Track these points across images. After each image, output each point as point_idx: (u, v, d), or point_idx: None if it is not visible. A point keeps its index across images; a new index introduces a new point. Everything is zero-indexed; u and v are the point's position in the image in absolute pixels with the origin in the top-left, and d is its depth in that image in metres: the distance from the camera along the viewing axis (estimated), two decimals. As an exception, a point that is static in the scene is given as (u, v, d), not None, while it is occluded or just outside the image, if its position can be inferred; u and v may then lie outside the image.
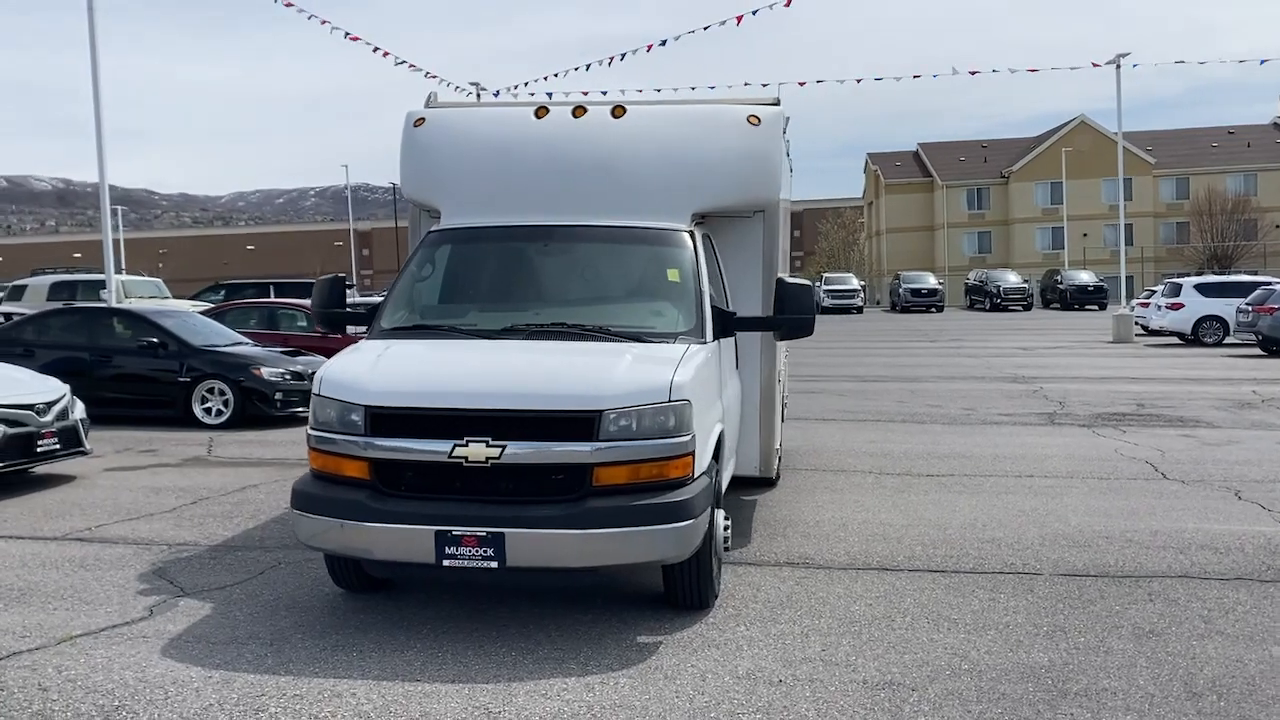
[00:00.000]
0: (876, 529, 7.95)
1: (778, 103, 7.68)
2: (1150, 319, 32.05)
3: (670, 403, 5.37)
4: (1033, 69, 32.00)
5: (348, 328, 7.27)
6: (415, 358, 5.87)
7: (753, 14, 26.56)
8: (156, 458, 11.27)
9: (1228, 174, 72.00)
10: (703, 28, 27.30)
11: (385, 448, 5.36)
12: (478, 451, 5.22)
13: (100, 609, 5.97)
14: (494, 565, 5.19)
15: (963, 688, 4.84)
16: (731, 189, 7.10)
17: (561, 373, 5.54)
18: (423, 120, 7.35)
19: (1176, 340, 30.53)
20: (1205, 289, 30.60)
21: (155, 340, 13.66)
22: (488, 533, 5.15)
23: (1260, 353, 25.41)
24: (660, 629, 5.62)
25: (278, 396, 13.53)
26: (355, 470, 5.44)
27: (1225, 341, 28.81)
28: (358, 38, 27.34)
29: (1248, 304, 26.45)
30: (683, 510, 5.30)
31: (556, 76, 33.10)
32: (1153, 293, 35.40)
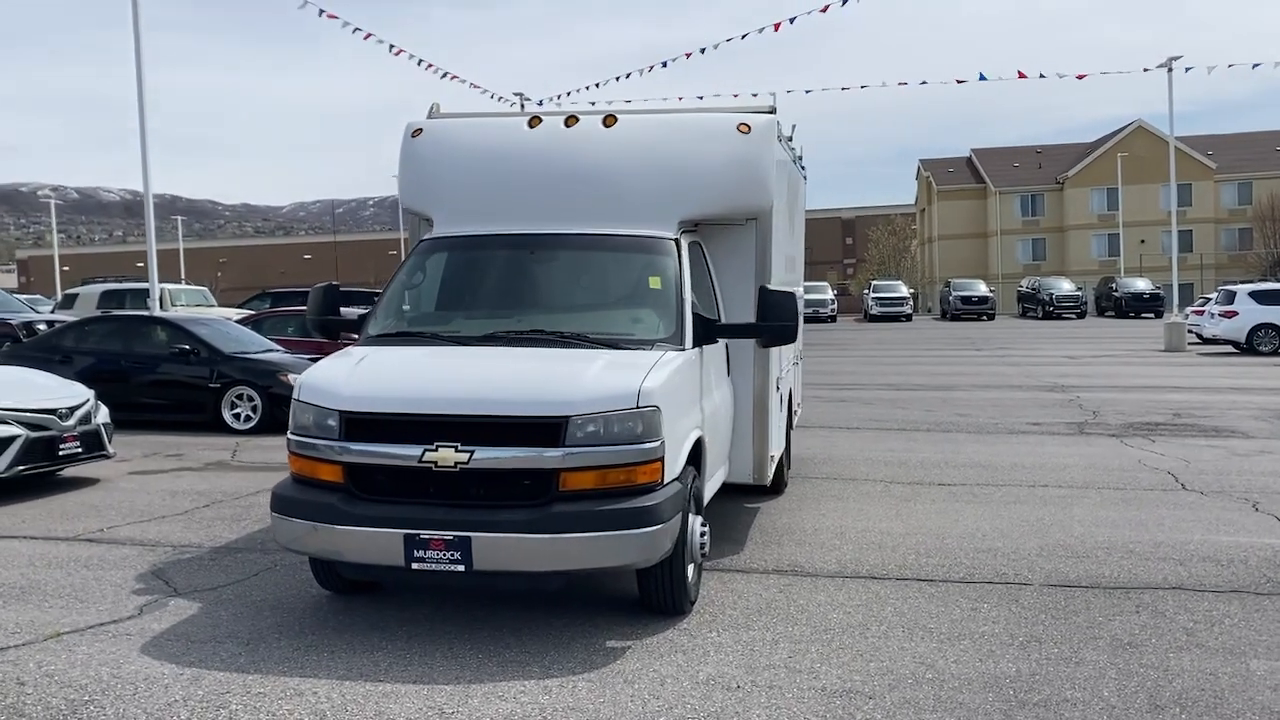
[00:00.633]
0: (873, 537, 7.91)
1: (773, 111, 7.68)
2: (1204, 327, 31.35)
3: (638, 409, 5.41)
4: (1081, 74, 31.40)
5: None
6: (390, 364, 5.98)
7: (790, 21, 26.58)
8: (181, 462, 11.53)
9: (1292, 178, 70.31)
10: (740, 36, 27.34)
11: (358, 452, 5.48)
12: (447, 456, 5.31)
13: (93, 607, 6.15)
14: (461, 569, 5.27)
15: (921, 696, 4.82)
16: (721, 197, 7.12)
17: (530, 379, 5.61)
18: (420, 131, 7.48)
19: (1231, 349, 29.83)
20: (1260, 296, 29.84)
21: (187, 347, 13.98)
22: (455, 536, 5.23)
23: (1314, 362, 24.76)
24: (631, 634, 5.66)
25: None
26: (330, 474, 5.55)
27: (1281, 350, 28.12)
28: (401, 50, 27.78)
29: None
30: (649, 516, 5.34)
31: (598, 86, 33.28)
32: (1207, 300, 34.63)
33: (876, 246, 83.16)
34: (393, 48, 27.15)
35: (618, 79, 26.62)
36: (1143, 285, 53.28)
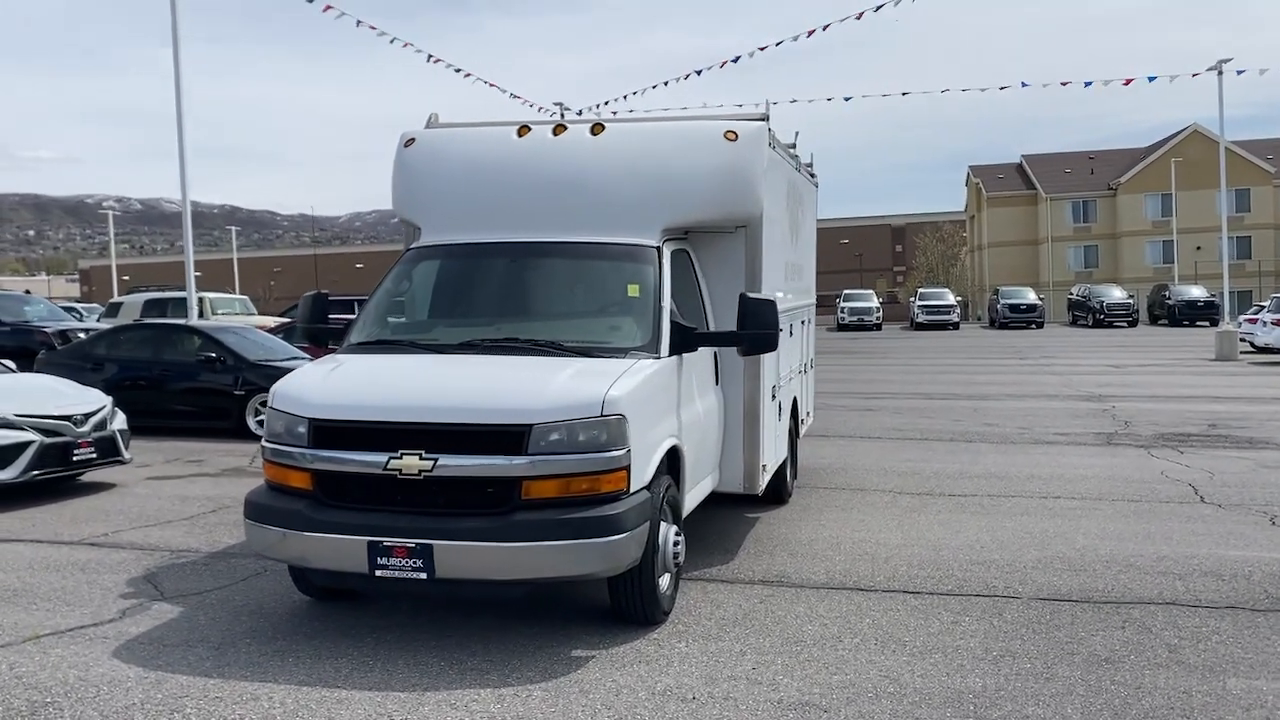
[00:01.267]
0: (869, 549, 7.81)
1: (764, 119, 7.64)
2: (1256, 335, 30.60)
3: (603, 417, 5.40)
4: (1128, 79, 30.73)
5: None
6: (360, 372, 6.02)
7: (823, 29, 26.43)
8: (199, 468, 11.71)
9: (1356, 182, 68.43)
10: (775, 44, 27.23)
11: (325, 459, 5.52)
12: (411, 464, 5.34)
13: (77, 610, 6.26)
14: (423, 576, 5.29)
15: (877, 711, 4.74)
16: (707, 204, 7.09)
17: (495, 387, 5.62)
18: (413, 141, 7.55)
19: (1283, 358, 29.09)
20: (1315, 303, 29.10)
21: (213, 355, 14.21)
22: (417, 544, 5.25)
23: (1367, 371, 24.05)
24: (599, 643, 5.64)
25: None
26: (299, 481, 5.61)
27: (1335, 359, 27.37)
28: (439, 59, 28.08)
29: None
30: (612, 524, 5.32)
31: (636, 94, 33.32)
32: (1261, 308, 33.78)
33: (924, 254, 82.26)
34: (430, 57, 27.42)
35: (654, 87, 26.54)
36: (1197, 293, 52.14)
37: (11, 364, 11.19)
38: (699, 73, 28.84)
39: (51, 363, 14.85)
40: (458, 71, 28.40)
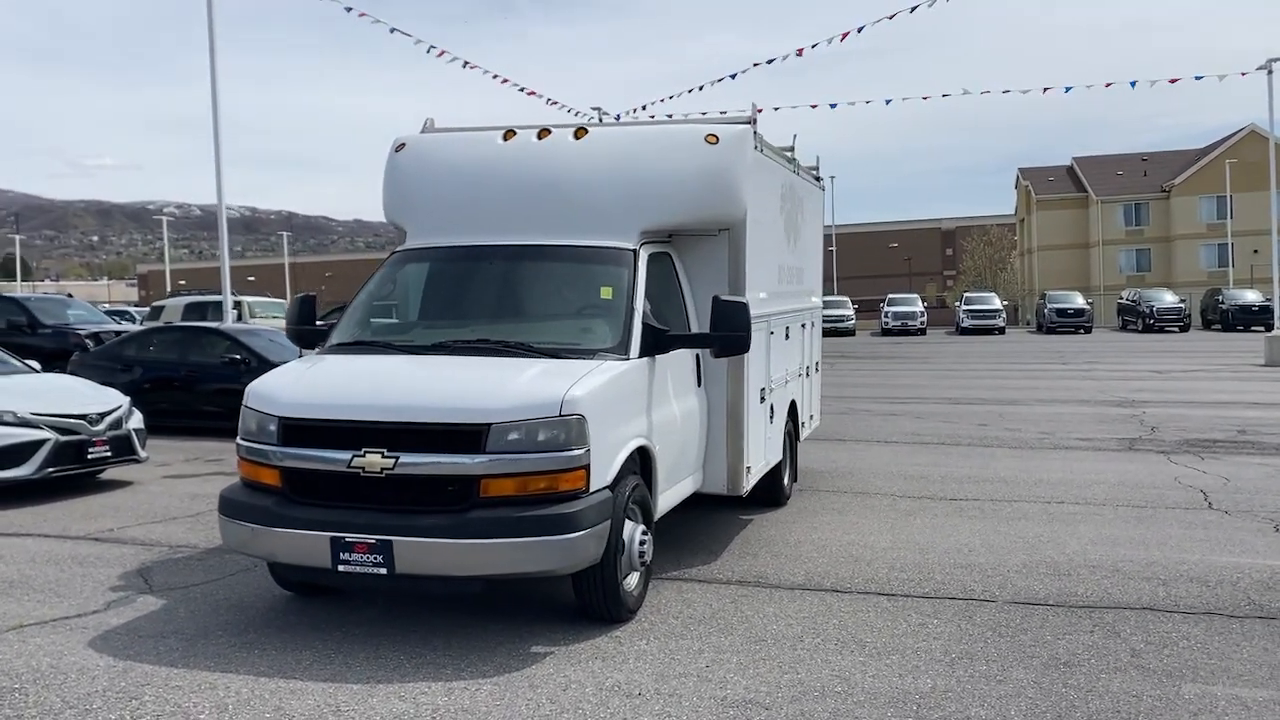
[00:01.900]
0: (855, 551, 7.81)
1: (751, 122, 7.68)
2: (1306, 340, 29.87)
3: (561, 417, 5.48)
4: (1174, 78, 30.20)
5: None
6: (329, 372, 6.17)
7: (858, 30, 26.36)
8: (218, 467, 11.97)
9: None
10: (811, 46, 27.15)
11: (293, 456, 5.67)
12: (373, 462, 5.46)
13: (66, 601, 6.47)
14: (383, 572, 5.40)
15: (818, 710, 4.76)
16: (686, 207, 7.14)
17: (457, 387, 5.73)
18: (403, 146, 7.70)
19: (1334, 364, 28.38)
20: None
21: (238, 357, 14.51)
22: (377, 540, 5.37)
23: None
24: (561, 640, 5.71)
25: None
26: (269, 478, 5.77)
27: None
28: (476, 65, 28.36)
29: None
30: (569, 523, 5.39)
31: (672, 98, 33.32)
32: (1313, 313, 33.03)
33: (972, 258, 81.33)
34: (466, 64, 27.76)
35: (689, 91, 26.53)
36: (1252, 297, 50.99)
37: (36, 364, 11.53)
38: (733, 76, 28.78)
39: (85, 364, 15.26)
40: (495, 77, 28.70)
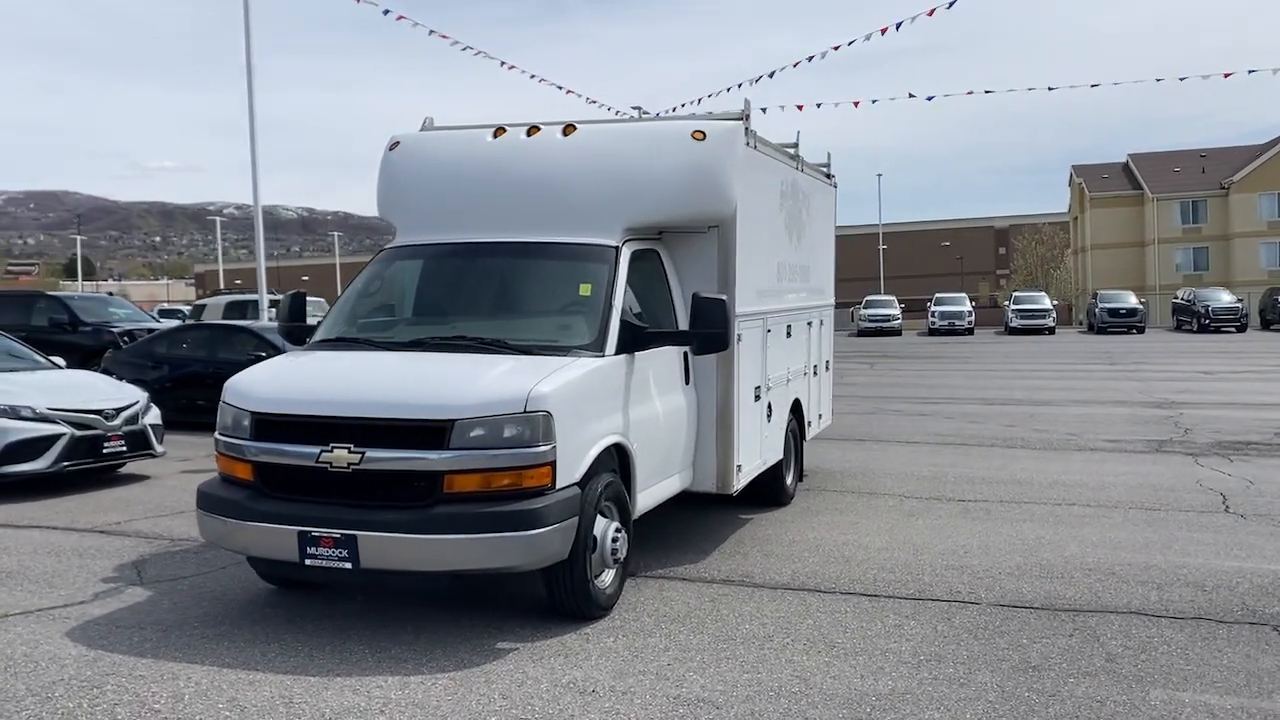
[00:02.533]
0: (848, 551, 7.73)
1: (743, 118, 7.63)
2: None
3: (525, 413, 5.48)
4: (1227, 73, 29.54)
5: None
6: (304, 368, 6.23)
7: (896, 27, 26.05)
8: (236, 462, 12.16)
9: None
10: (847, 43, 26.90)
11: (264, 451, 5.74)
12: (341, 457, 5.51)
13: (57, 592, 6.61)
14: (349, 566, 5.45)
15: (769, 709, 4.72)
16: (672, 204, 7.11)
17: (424, 383, 5.76)
18: (397, 144, 7.76)
19: (1390, 365, 27.55)
20: None
21: (264, 355, 14.69)
22: (342, 534, 5.42)
23: None
24: (530, 636, 5.72)
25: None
26: (243, 472, 5.84)
27: None
28: (514, 66, 28.51)
29: None
30: (532, 519, 5.40)
31: (711, 97, 33.18)
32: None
33: (1023, 257, 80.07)
34: (504, 64, 27.94)
35: (728, 90, 26.41)
36: (1312, 296, 49.68)
37: (61, 361, 11.79)
38: (770, 75, 28.59)
39: (118, 361, 15.59)
40: (532, 77, 28.82)
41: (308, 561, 5.52)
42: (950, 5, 23.86)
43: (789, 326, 9.16)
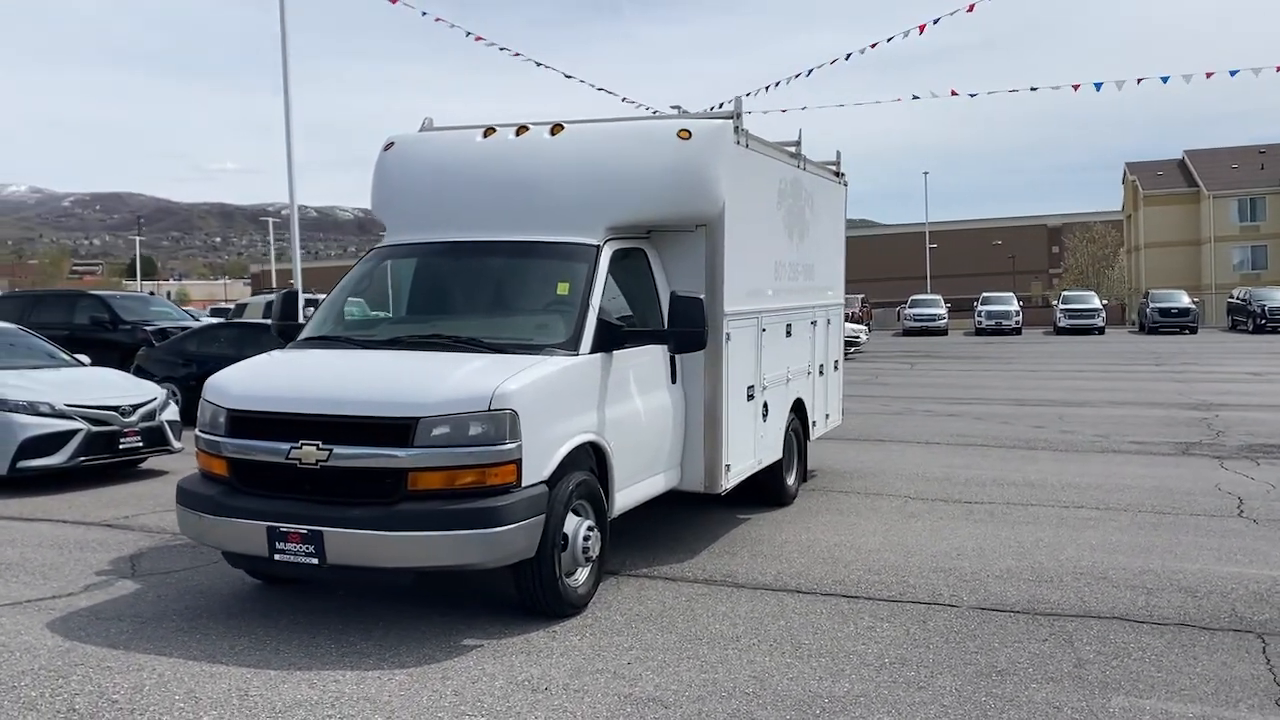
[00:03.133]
0: (838, 552, 7.67)
1: (732, 117, 7.61)
2: None
3: (490, 412, 5.51)
4: (1280, 66, 28.80)
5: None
6: (281, 366, 6.32)
7: (934, 22, 25.77)
8: (255, 459, 12.35)
9: None
10: (886, 40, 26.64)
11: (238, 447, 5.84)
12: (309, 454, 5.59)
13: (49, 583, 6.77)
14: (315, 562, 5.52)
15: (718, 709, 4.71)
16: (656, 203, 7.11)
17: (391, 381, 5.82)
18: (392, 145, 7.84)
19: None
20: None
21: (289, 353, 14.94)
22: (309, 530, 5.49)
23: None
24: (497, 634, 5.75)
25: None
26: (219, 468, 5.94)
27: None
28: (550, 67, 28.61)
29: None
30: (495, 517, 5.43)
31: (750, 95, 32.97)
32: None
33: (1074, 256, 78.69)
34: (540, 64, 28.07)
35: (766, 89, 26.17)
36: (1374, 296, 48.28)
37: (86, 359, 12.06)
38: (809, 73, 28.46)
39: (151, 358, 15.91)
40: (568, 78, 28.92)
41: (276, 557, 5.60)
42: (989, -1, 23.61)
43: (789, 325, 9.11)
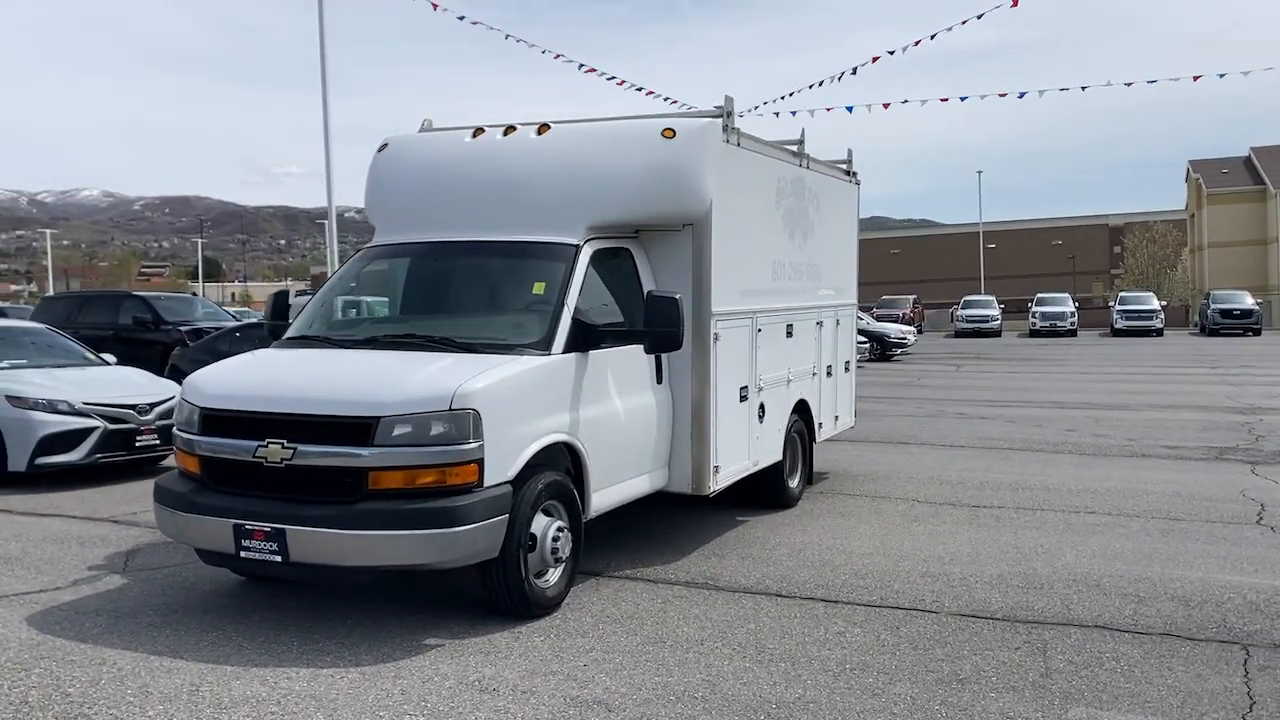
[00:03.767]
0: (827, 556, 7.57)
1: (721, 115, 7.54)
2: None
3: (451, 411, 5.52)
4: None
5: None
6: (255, 365, 6.38)
7: (978, 18, 25.34)
8: (274, 457, 12.51)
9: None
10: (929, 36, 26.27)
11: (209, 445, 5.90)
12: (274, 452, 5.63)
13: (40, 577, 6.91)
14: (278, 559, 5.56)
15: (662, 713, 4.66)
16: (638, 202, 7.07)
17: (355, 381, 5.84)
18: (385, 146, 7.90)
19: None
20: None
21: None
22: (272, 528, 5.54)
23: None
24: (461, 634, 5.74)
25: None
26: (193, 466, 6.02)
27: None
28: (592, 69, 28.67)
29: None
30: (454, 516, 5.43)
31: (792, 95, 32.65)
32: None
33: (1134, 256, 76.96)
34: (582, 66, 28.13)
35: (810, 87, 25.99)
36: None
37: (112, 358, 12.31)
38: (854, 71, 28.21)
39: (185, 358, 16.19)
40: (610, 79, 28.94)
41: (242, 554, 5.66)
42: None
43: (789, 326, 9.00)
